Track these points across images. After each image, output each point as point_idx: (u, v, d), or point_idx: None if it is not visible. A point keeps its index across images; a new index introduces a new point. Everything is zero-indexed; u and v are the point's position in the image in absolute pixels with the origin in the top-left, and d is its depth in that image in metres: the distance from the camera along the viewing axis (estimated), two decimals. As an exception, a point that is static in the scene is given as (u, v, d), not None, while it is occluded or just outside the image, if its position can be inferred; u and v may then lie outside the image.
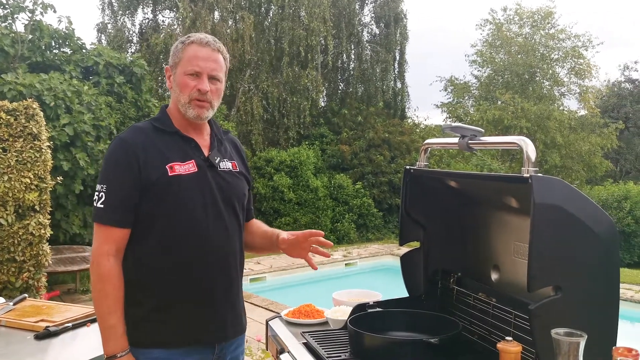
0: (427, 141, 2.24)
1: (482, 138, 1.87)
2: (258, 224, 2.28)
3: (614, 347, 1.35)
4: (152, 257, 1.86)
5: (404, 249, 2.44)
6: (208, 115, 1.94)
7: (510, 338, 1.66)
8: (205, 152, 1.96)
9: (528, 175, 1.55)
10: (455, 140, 1.94)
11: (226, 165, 2.00)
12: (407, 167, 2.23)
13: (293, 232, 2.11)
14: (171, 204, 1.85)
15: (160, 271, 1.85)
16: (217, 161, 1.96)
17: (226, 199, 1.95)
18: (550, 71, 20.04)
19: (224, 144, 2.07)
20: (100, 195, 1.85)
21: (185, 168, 1.87)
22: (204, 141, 1.99)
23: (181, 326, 1.86)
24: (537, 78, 20.20)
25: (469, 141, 1.88)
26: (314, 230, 2.08)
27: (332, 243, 2.06)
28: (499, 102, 19.13)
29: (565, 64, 20.29)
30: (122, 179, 1.84)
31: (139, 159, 1.83)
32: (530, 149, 1.60)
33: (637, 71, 28.52)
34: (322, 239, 2.05)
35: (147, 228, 1.86)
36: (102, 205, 1.84)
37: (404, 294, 2.37)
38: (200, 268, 1.87)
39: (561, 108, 20.28)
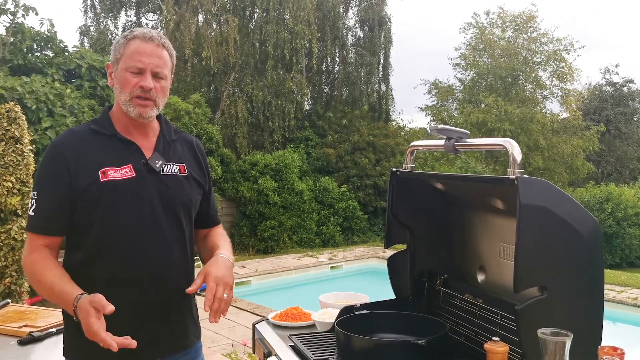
0: (413, 143, 2.25)
1: (468, 140, 1.88)
2: (214, 236, 2.06)
3: (599, 346, 1.36)
4: (83, 266, 1.77)
5: (390, 252, 2.44)
6: (152, 114, 1.82)
7: (497, 338, 1.67)
8: (148, 155, 1.84)
9: (514, 176, 1.56)
10: (441, 142, 1.95)
11: (171, 169, 1.87)
12: (394, 169, 2.23)
13: (207, 271, 1.76)
14: (103, 212, 1.75)
15: (91, 282, 1.72)
16: (158, 165, 1.83)
17: (167, 206, 1.83)
18: (533, 74, 20.26)
19: (174, 145, 1.93)
20: (32, 203, 1.78)
21: (120, 173, 1.77)
22: (148, 143, 1.87)
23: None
24: (520, 81, 20.41)
25: (455, 143, 1.89)
26: (210, 294, 1.69)
27: (214, 322, 1.74)
28: (483, 105, 19.29)
29: (547, 67, 20.54)
30: (51, 186, 1.76)
31: (69, 165, 1.74)
32: (516, 151, 1.61)
33: (618, 74, 28.96)
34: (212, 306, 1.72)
35: (81, 236, 1.78)
36: (32, 214, 1.77)
37: (390, 296, 2.37)
38: (131, 280, 1.77)
39: (544, 111, 20.50)
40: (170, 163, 1.88)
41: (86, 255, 1.78)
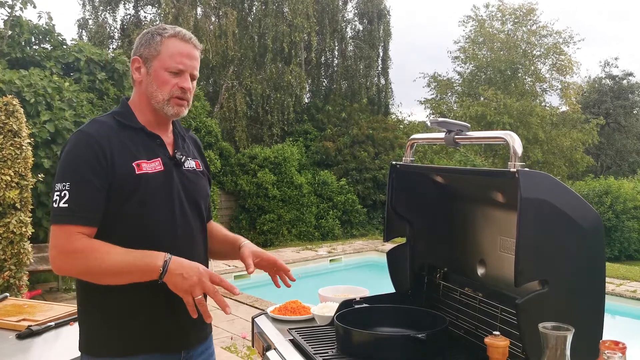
0: (413, 136, 2.23)
1: (468, 133, 1.87)
2: (217, 228, 2.16)
3: (601, 341, 1.35)
4: None
5: (389, 245, 2.43)
6: (185, 113, 1.86)
7: (497, 333, 1.66)
8: (170, 150, 1.86)
9: (515, 169, 1.54)
10: (442, 135, 1.94)
11: (190, 164, 1.91)
12: (393, 162, 2.22)
13: (257, 251, 2.01)
14: (136, 205, 1.73)
15: None
16: (182, 160, 1.87)
17: (191, 199, 1.86)
18: (532, 67, 20.25)
19: (187, 142, 1.98)
20: (62, 194, 1.66)
21: (151, 166, 1.77)
22: (167, 139, 1.89)
23: (142, 333, 1.75)
24: (519, 74, 20.38)
25: (455, 136, 1.87)
26: (279, 263, 2.02)
27: (295, 279, 1.98)
28: (482, 99, 19.27)
29: (546, 61, 20.51)
30: (88, 175, 1.68)
31: (105, 155, 1.70)
32: (516, 144, 1.60)
33: (618, 67, 28.94)
34: (286, 275, 2.02)
35: (110, 229, 1.72)
36: (66, 205, 1.65)
37: (389, 289, 2.36)
38: None
39: (543, 104, 20.50)
40: (189, 159, 1.92)
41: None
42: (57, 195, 1.68)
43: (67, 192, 1.67)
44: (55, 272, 1.68)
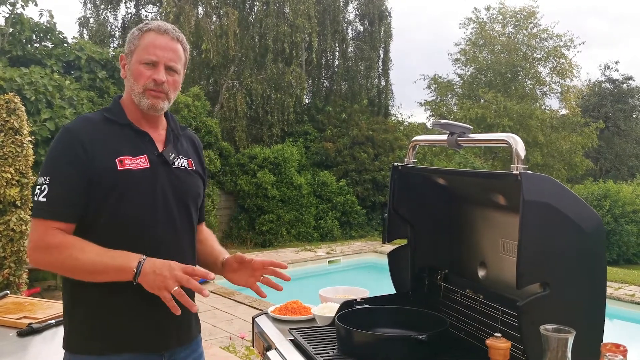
0: (415, 138, 2.24)
1: (471, 135, 1.87)
2: (207, 236, 2.12)
3: (602, 343, 1.36)
4: None
5: (388, 247, 2.43)
6: (163, 106, 1.82)
7: (499, 334, 1.66)
8: (160, 148, 1.84)
9: (518, 172, 1.55)
10: (444, 137, 1.94)
11: (181, 162, 1.88)
12: (395, 164, 2.22)
13: (245, 257, 1.94)
14: (117, 201, 1.72)
15: None
16: (171, 157, 1.84)
17: (179, 198, 1.84)
18: (533, 70, 20.26)
19: (181, 140, 1.95)
20: (42, 189, 1.69)
21: (136, 163, 1.76)
22: (158, 136, 1.87)
23: (121, 333, 1.73)
24: (520, 77, 20.40)
25: (458, 138, 1.88)
26: (275, 261, 1.94)
27: (290, 278, 1.89)
28: (482, 101, 19.28)
29: (547, 64, 20.53)
30: (67, 171, 1.70)
31: (86, 151, 1.71)
32: (519, 147, 1.60)
33: (618, 71, 28.96)
34: (281, 271, 1.93)
35: (91, 225, 1.72)
36: (44, 199, 1.68)
37: (388, 291, 2.36)
38: None
39: (543, 107, 20.51)
40: (180, 157, 1.90)
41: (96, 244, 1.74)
42: (38, 189, 1.71)
43: (46, 187, 1.69)
44: (32, 265, 1.70)
